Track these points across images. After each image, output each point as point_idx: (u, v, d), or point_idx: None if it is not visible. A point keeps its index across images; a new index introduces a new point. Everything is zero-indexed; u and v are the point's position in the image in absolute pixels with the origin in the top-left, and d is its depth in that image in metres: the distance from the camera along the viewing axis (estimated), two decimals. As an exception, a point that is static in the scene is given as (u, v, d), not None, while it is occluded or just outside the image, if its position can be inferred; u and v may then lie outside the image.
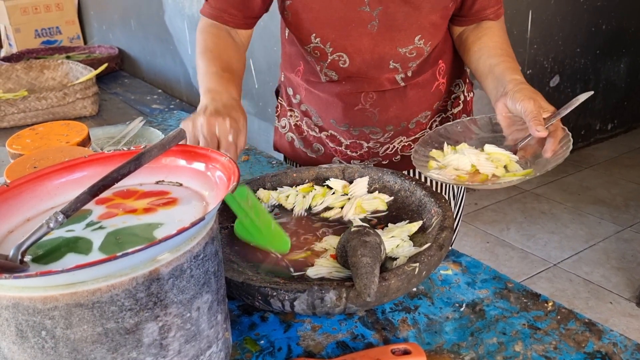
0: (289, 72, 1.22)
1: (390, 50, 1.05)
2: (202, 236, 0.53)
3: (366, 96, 1.12)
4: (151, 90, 2.67)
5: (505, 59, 1.02)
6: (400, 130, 1.16)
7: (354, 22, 1.03)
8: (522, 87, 0.93)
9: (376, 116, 1.14)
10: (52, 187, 0.62)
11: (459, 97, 1.22)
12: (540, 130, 0.86)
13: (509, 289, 0.79)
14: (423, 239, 0.80)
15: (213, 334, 0.57)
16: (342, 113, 1.15)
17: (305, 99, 1.21)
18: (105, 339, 0.48)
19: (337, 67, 1.09)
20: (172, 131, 0.64)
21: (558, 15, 3.11)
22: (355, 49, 1.05)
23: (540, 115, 0.88)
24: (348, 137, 1.18)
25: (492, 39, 1.07)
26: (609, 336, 0.70)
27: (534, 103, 0.89)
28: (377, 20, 1.02)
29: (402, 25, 1.03)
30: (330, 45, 1.06)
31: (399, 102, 1.13)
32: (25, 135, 1.09)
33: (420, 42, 1.06)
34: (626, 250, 2.58)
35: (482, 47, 1.06)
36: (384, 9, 1.01)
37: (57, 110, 1.90)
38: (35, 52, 3.04)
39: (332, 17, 1.02)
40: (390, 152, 1.19)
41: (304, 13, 1.04)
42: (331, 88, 1.14)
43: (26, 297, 0.46)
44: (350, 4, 1.01)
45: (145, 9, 3.18)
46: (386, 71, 1.08)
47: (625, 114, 3.76)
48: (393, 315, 0.75)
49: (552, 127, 0.89)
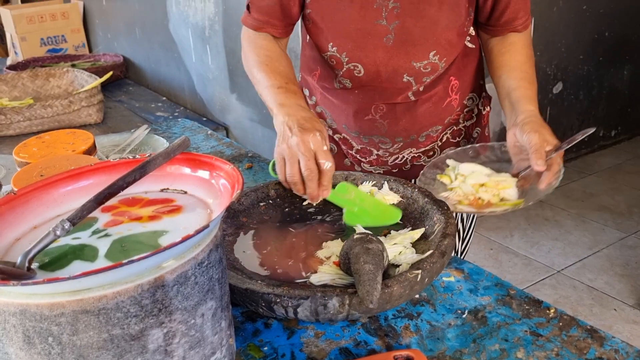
0: (306, 74, 1.24)
1: (404, 64, 1.07)
2: (207, 243, 0.54)
3: (376, 108, 1.14)
4: (156, 98, 2.69)
5: (523, 84, 1.05)
6: (410, 142, 1.18)
7: (371, 35, 1.04)
8: (532, 120, 0.96)
9: (385, 127, 1.15)
10: (58, 195, 0.63)
11: (473, 110, 1.22)
12: (540, 164, 0.91)
13: (511, 296, 0.79)
14: (425, 246, 0.81)
15: (217, 340, 0.57)
16: (352, 120, 1.17)
17: (320, 101, 1.24)
18: (110, 345, 0.49)
19: (351, 76, 1.10)
20: (177, 139, 0.64)
21: (561, 22, 3.12)
22: (371, 61, 1.07)
23: (542, 149, 0.92)
24: (359, 143, 1.21)
25: (515, 57, 1.09)
26: (610, 343, 0.70)
27: (539, 136, 0.92)
28: (393, 34, 1.04)
29: (418, 40, 1.04)
30: (346, 55, 1.08)
31: (409, 116, 1.14)
32: (31, 143, 1.10)
33: (435, 58, 1.07)
34: (630, 257, 2.57)
35: (505, 65, 1.09)
36: (401, 23, 1.03)
37: (62, 118, 1.91)
38: (40, 61, 3.07)
39: (349, 28, 1.05)
40: (400, 161, 1.22)
41: (323, 22, 1.06)
42: (344, 96, 1.16)
43: (33, 304, 0.47)
44: (368, 17, 1.03)
45: (150, 18, 3.20)
46: (400, 84, 1.09)
47: (629, 121, 3.76)
48: (396, 322, 0.75)
49: (550, 160, 0.93)
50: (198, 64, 2.90)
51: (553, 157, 0.92)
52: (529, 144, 0.92)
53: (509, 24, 1.09)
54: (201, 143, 1.51)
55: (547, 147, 0.92)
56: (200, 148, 1.47)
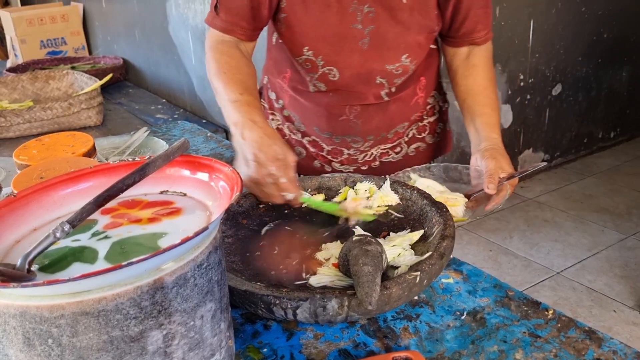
0: (273, 77, 1.25)
1: (378, 67, 1.11)
2: (206, 245, 0.54)
3: (351, 108, 1.16)
4: (155, 100, 2.69)
5: (486, 111, 1.11)
6: (380, 139, 1.22)
7: (347, 38, 1.07)
8: (492, 148, 1.03)
9: (359, 127, 1.19)
10: (58, 197, 0.63)
11: (434, 107, 1.28)
12: (491, 188, 0.97)
13: (510, 297, 0.79)
14: (424, 247, 0.81)
15: (216, 342, 0.57)
16: (326, 122, 1.19)
17: (289, 104, 1.24)
18: (110, 346, 0.49)
19: (326, 80, 1.12)
20: (176, 142, 0.65)
21: (559, 24, 3.13)
22: (346, 64, 1.10)
23: (496, 175, 0.98)
24: (330, 144, 1.23)
25: (477, 82, 1.15)
26: (609, 344, 0.70)
27: (495, 163, 1.00)
28: (369, 38, 1.07)
29: (392, 44, 1.09)
30: (321, 59, 1.09)
31: (382, 114, 1.18)
32: (31, 146, 1.11)
33: (406, 60, 1.11)
34: (629, 258, 2.57)
35: (469, 89, 1.15)
36: (376, 28, 1.06)
37: (62, 121, 1.91)
38: (40, 63, 3.07)
39: (326, 33, 1.07)
40: (369, 159, 1.25)
41: (299, 27, 1.07)
42: (318, 98, 1.17)
43: (33, 306, 0.47)
44: (344, 21, 1.05)
45: (150, 20, 3.20)
46: (373, 86, 1.13)
47: (628, 122, 3.76)
48: (395, 324, 0.75)
49: (502, 186, 0.99)
50: (198, 66, 2.91)
51: (504, 184, 0.99)
52: (485, 169, 1.00)
53: (468, 35, 1.14)
54: (201, 145, 1.51)
55: (502, 174, 0.99)
56: (199, 150, 1.47)
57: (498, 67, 3.00)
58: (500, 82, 3.04)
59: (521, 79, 3.11)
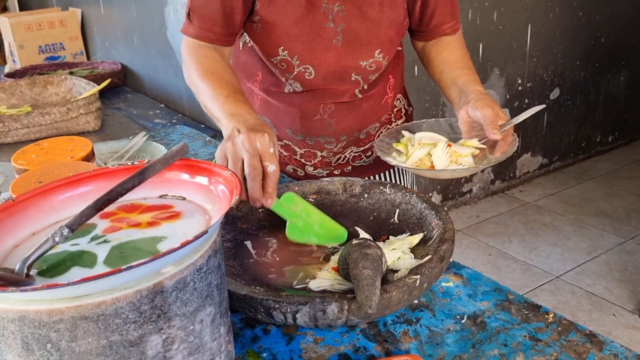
0: (242, 82, 1.25)
1: (352, 64, 1.13)
2: (205, 249, 0.54)
3: (325, 107, 1.18)
4: (154, 105, 2.69)
5: (466, 72, 1.12)
6: (353, 140, 1.23)
7: (320, 37, 1.09)
8: (483, 97, 1.02)
9: (333, 126, 1.20)
10: (57, 201, 0.63)
11: (401, 110, 1.31)
12: (496, 133, 0.96)
13: (510, 301, 0.79)
14: (424, 251, 0.81)
15: (216, 347, 0.57)
16: (299, 123, 1.20)
17: (260, 109, 1.24)
18: (109, 351, 0.49)
19: (302, 79, 1.14)
20: (175, 146, 0.64)
21: (557, 29, 3.14)
22: (321, 62, 1.12)
23: (496, 121, 0.97)
24: (303, 147, 1.24)
25: (453, 53, 1.17)
26: (609, 347, 0.70)
27: (492, 111, 0.98)
28: (342, 36, 1.10)
29: (364, 40, 1.11)
30: (297, 58, 1.11)
31: (355, 113, 1.20)
32: (30, 150, 1.10)
33: (379, 56, 1.14)
34: (628, 262, 2.57)
35: (444, 61, 1.16)
36: (347, 25, 1.09)
37: (60, 126, 1.91)
38: (39, 68, 3.06)
39: (300, 33, 1.08)
40: (343, 162, 1.26)
41: (273, 27, 1.08)
42: (291, 99, 1.18)
43: (32, 310, 0.47)
44: (317, 20, 1.08)
45: (148, 25, 3.21)
46: (348, 83, 1.16)
47: (626, 126, 3.77)
48: (395, 327, 0.75)
49: (505, 131, 0.98)
50: (196, 71, 2.90)
51: (507, 129, 0.98)
52: (483, 118, 0.98)
53: (438, 27, 1.17)
54: (200, 149, 1.51)
55: (500, 121, 0.98)
56: (198, 154, 1.47)
57: (496, 71, 3.00)
58: (499, 86, 3.05)
59: (519, 83, 3.12)
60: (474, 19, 2.84)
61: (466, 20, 2.81)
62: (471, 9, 2.81)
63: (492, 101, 1.01)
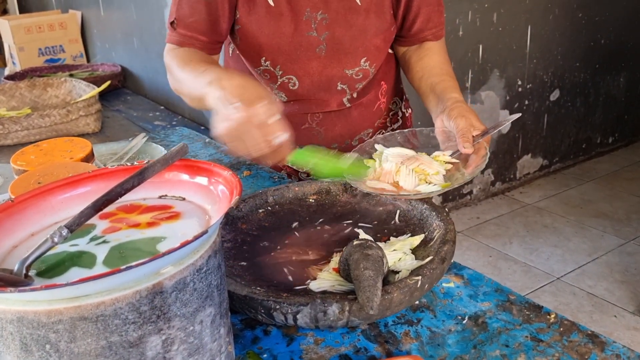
0: None
1: (337, 73, 1.10)
2: (205, 249, 0.54)
3: (312, 116, 1.16)
4: (153, 107, 2.69)
5: (445, 78, 1.08)
6: (344, 147, 1.20)
7: (303, 47, 1.07)
8: (458, 105, 0.98)
9: (322, 135, 1.18)
10: (56, 202, 0.63)
11: (397, 114, 1.28)
12: (467, 147, 0.91)
13: (512, 302, 0.79)
14: (425, 252, 0.81)
15: (216, 348, 0.57)
16: None
17: None
18: (109, 352, 0.48)
19: (286, 89, 1.12)
20: (175, 146, 0.64)
21: (557, 30, 3.14)
22: (305, 72, 1.09)
23: (469, 133, 0.92)
24: None
25: (433, 59, 1.13)
26: (612, 348, 0.69)
27: (465, 121, 0.93)
28: (325, 44, 1.07)
29: (349, 48, 1.08)
30: (280, 69, 1.09)
31: (344, 121, 1.17)
32: (29, 151, 1.10)
33: (365, 64, 1.11)
34: (629, 263, 2.57)
35: (424, 67, 1.12)
36: (331, 34, 1.07)
37: (60, 128, 1.91)
38: (38, 71, 3.06)
39: (281, 42, 1.06)
40: None
41: (254, 38, 1.06)
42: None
43: (31, 311, 0.46)
44: (299, 29, 1.05)
45: (148, 27, 3.20)
46: (334, 93, 1.13)
47: (626, 128, 3.77)
48: (396, 328, 0.75)
49: (478, 144, 0.92)
50: (196, 73, 2.90)
51: (480, 142, 0.93)
52: (456, 129, 0.94)
53: (420, 33, 1.14)
54: (199, 151, 1.51)
55: (474, 132, 0.93)
56: (198, 156, 1.47)
57: (496, 72, 3.01)
58: (499, 87, 3.05)
59: (519, 84, 3.12)
60: (473, 21, 2.84)
61: (466, 21, 2.81)
62: (471, 10, 2.81)
63: (468, 110, 0.97)
